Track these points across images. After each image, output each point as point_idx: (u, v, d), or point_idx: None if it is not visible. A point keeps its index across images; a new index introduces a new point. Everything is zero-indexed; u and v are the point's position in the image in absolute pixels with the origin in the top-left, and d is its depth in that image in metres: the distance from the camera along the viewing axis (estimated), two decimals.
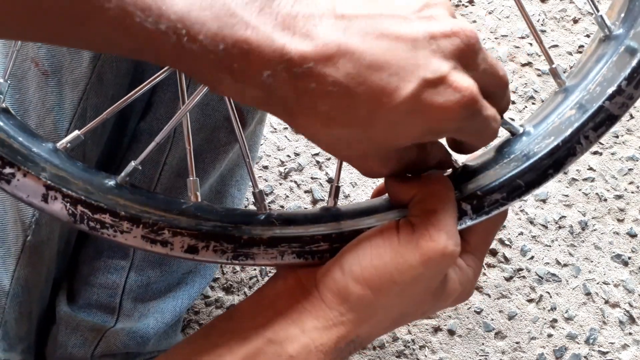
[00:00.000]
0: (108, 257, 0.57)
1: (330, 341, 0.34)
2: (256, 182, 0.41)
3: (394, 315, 0.36)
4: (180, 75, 0.42)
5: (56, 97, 0.48)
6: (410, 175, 0.37)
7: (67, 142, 0.40)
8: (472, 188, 0.38)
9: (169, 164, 0.55)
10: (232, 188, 0.63)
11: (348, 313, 0.35)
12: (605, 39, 0.41)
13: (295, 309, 0.35)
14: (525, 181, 0.38)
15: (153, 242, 0.37)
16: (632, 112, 0.84)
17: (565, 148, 0.38)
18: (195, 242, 0.37)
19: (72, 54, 0.47)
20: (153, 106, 0.53)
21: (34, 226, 0.51)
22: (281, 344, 0.34)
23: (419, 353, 0.73)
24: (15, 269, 0.52)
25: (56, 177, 0.37)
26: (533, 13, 0.89)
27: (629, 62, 0.37)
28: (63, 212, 0.37)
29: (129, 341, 0.58)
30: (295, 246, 0.37)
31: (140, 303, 0.58)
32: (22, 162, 0.37)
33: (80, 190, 0.37)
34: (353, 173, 0.81)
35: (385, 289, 0.34)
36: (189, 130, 0.41)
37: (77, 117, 0.49)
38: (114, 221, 0.37)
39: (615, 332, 0.73)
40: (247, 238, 0.37)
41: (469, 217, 0.37)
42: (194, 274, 0.63)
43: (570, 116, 0.39)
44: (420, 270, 0.34)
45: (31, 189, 0.37)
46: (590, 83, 0.39)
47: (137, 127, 0.54)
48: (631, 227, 0.78)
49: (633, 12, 0.39)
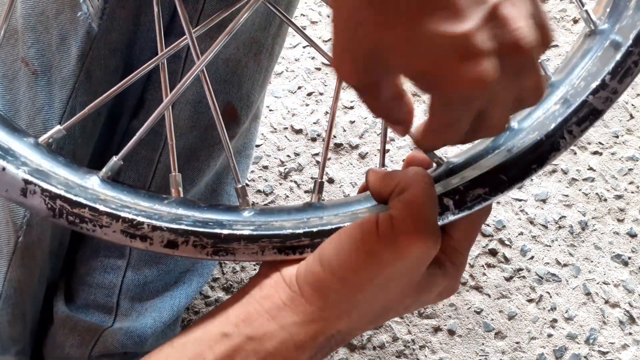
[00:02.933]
0: (105, 256, 0.57)
1: (309, 336, 0.34)
2: (238, 178, 0.41)
3: (376, 309, 0.36)
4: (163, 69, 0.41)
5: (46, 96, 0.48)
6: (389, 170, 0.37)
7: (48, 137, 0.40)
8: (454, 183, 0.38)
9: (162, 162, 0.54)
10: (227, 186, 0.62)
11: (327, 308, 0.35)
12: (590, 33, 0.41)
13: (276, 305, 0.35)
14: (509, 176, 0.38)
15: (132, 237, 0.37)
16: (632, 112, 0.84)
17: (548, 143, 0.38)
18: (174, 237, 0.37)
19: (60, 53, 0.47)
20: (145, 104, 0.53)
21: (25, 227, 0.50)
22: (260, 340, 0.34)
23: (419, 353, 0.73)
24: (7, 270, 0.51)
25: (36, 171, 0.37)
26: None
27: (614, 57, 0.37)
28: (42, 206, 0.36)
29: (126, 341, 0.58)
30: (276, 241, 0.37)
31: (137, 302, 0.58)
32: (1, 156, 0.37)
33: (60, 184, 0.37)
34: (353, 173, 0.81)
35: (364, 283, 0.34)
36: (171, 124, 0.41)
37: (67, 116, 0.48)
38: (93, 216, 0.37)
39: (615, 332, 0.73)
40: (228, 233, 0.37)
41: (451, 212, 0.37)
42: (191, 272, 0.62)
43: (554, 111, 0.39)
44: (398, 263, 0.34)
45: (10, 183, 0.36)
46: (575, 78, 0.39)
47: (128, 125, 0.54)
48: (631, 227, 0.78)
49: (619, 7, 0.39)
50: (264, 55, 0.54)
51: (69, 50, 0.47)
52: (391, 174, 0.37)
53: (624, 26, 0.38)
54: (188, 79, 0.40)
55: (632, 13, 0.38)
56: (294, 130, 0.83)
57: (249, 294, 0.37)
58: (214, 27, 0.44)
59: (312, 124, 0.83)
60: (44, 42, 0.47)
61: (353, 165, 0.81)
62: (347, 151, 0.82)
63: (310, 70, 0.86)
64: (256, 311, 0.35)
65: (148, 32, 0.50)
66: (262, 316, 0.35)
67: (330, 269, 0.35)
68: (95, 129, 0.52)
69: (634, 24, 0.37)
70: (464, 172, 0.39)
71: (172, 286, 0.61)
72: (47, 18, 0.46)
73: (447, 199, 0.37)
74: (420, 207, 0.34)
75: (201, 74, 0.40)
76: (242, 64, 0.53)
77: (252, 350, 0.34)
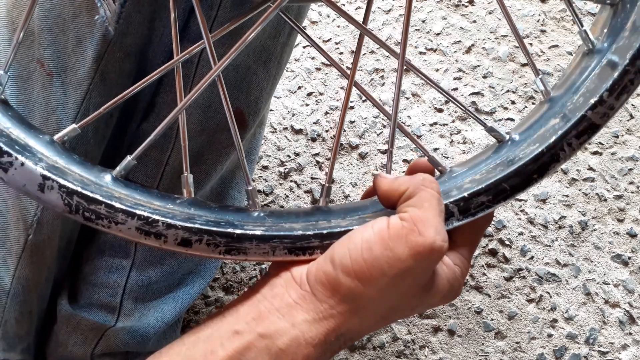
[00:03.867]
0: (109, 256, 0.57)
1: (320, 334, 0.36)
2: (249, 180, 0.42)
3: (384, 309, 0.37)
4: (178, 73, 0.42)
5: (60, 96, 0.48)
6: (397, 176, 0.39)
7: (64, 135, 0.41)
8: (459, 191, 0.40)
9: (170, 164, 0.55)
10: (232, 190, 0.63)
11: (338, 305, 0.36)
12: (588, 52, 0.43)
13: (286, 303, 0.37)
14: (511, 185, 0.40)
15: (147, 234, 0.38)
16: (632, 112, 0.84)
17: (549, 154, 0.40)
18: (188, 236, 0.38)
19: (76, 55, 0.48)
20: (155, 107, 0.54)
21: (36, 225, 0.51)
22: (271, 337, 0.35)
23: (419, 353, 0.73)
24: (16, 268, 0.52)
25: (53, 167, 0.38)
26: (533, 13, 0.89)
27: (611, 75, 0.40)
28: (59, 201, 0.37)
29: (129, 340, 0.58)
30: (287, 242, 0.39)
31: (140, 303, 0.58)
32: (19, 152, 0.38)
33: (77, 181, 0.38)
34: (353, 173, 0.81)
35: (375, 281, 0.36)
36: (185, 126, 0.42)
37: (80, 116, 0.49)
38: (109, 212, 0.37)
39: (615, 332, 0.73)
40: (240, 233, 0.38)
41: (455, 218, 0.40)
42: (194, 274, 0.63)
43: (554, 124, 0.41)
44: (408, 263, 0.35)
45: (28, 178, 0.37)
46: (574, 94, 0.42)
47: (138, 127, 0.55)
48: (631, 227, 0.78)
49: (615, 28, 0.41)
50: (273, 63, 0.56)
51: (84, 52, 0.48)
52: (400, 180, 0.39)
53: (620, 46, 0.40)
54: (204, 83, 0.41)
55: (628, 34, 0.40)
56: (294, 130, 0.83)
57: (259, 292, 0.38)
58: (226, 35, 0.45)
59: (312, 124, 0.83)
60: (60, 44, 0.47)
61: (353, 165, 0.81)
62: (347, 151, 0.82)
63: (310, 70, 0.86)
64: (267, 309, 0.36)
65: (162, 37, 0.51)
66: (273, 314, 0.36)
67: (342, 267, 0.36)
68: (107, 130, 0.53)
69: (630, 44, 0.39)
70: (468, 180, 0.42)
71: (175, 287, 0.61)
72: (64, 21, 0.47)
73: (452, 206, 0.40)
74: (430, 211, 0.36)
75: (217, 79, 0.41)
76: (251, 70, 0.53)
77: (263, 347, 0.35)
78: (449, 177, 0.43)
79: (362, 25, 0.44)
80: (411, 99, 0.84)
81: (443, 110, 0.84)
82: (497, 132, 0.43)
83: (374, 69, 0.86)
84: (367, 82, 0.85)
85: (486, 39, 0.88)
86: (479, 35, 0.88)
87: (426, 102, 0.84)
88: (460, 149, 0.81)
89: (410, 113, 0.83)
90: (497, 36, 0.88)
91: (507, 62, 0.86)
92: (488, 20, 0.89)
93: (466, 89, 0.85)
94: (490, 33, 0.88)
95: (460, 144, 0.82)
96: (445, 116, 0.83)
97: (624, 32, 0.41)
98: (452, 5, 0.90)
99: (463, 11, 0.90)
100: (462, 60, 0.87)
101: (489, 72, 0.86)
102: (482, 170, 0.42)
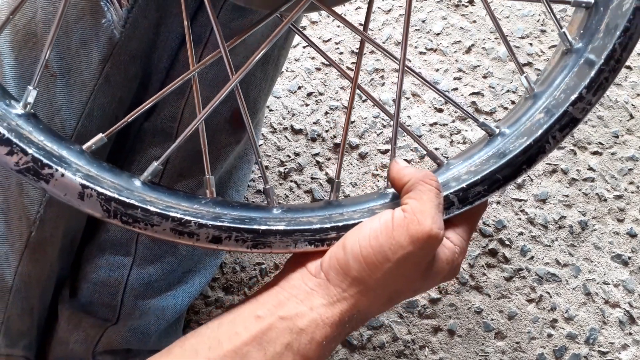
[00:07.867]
0: (110, 254, 0.58)
1: (335, 315, 0.40)
2: (267, 179, 0.47)
3: (389, 291, 0.42)
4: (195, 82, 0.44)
5: (64, 97, 0.50)
6: (406, 167, 0.45)
7: (92, 144, 0.44)
8: (457, 183, 0.45)
9: (172, 163, 0.55)
10: (230, 190, 0.64)
11: (349, 288, 0.41)
12: (567, 51, 0.47)
13: (304, 291, 0.41)
14: (503, 175, 0.45)
15: (181, 234, 0.41)
16: (632, 112, 0.84)
17: (536, 147, 0.45)
18: (219, 233, 0.41)
19: (81, 56, 0.49)
20: (157, 106, 0.55)
21: (38, 223, 0.52)
22: (292, 319, 0.39)
23: (419, 353, 0.73)
24: (18, 264, 0.53)
25: (88, 176, 0.41)
26: (533, 13, 0.89)
27: (588, 73, 0.44)
28: (98, 208, 0.40)
29: (130, 338, 0.59)
30: (307, 235, 0.43)
31: (141, 301, 0.59)
32: (57, 163, 0.40)
33: (112, 188, 0.41)
34: (353, 173, 0.81)
35: (380, 265, 0.40)
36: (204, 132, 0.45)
37: (85, 116, 0.50)
38: (144, 216, 0.40)
39: (615, 332, 0.73)
40: (265, 229, 0.42)
41: (455, 207, 0.45)
42: (193, 273, 0.63)
43: (539, 119, 0.46)
44: (409, 249, 0.40)
45: (69, 187, 0.40)
46: (556, 90, 0.46)
47: (140, 127, 0.56)
48: (631, 227, 0.78)
49: (590, 29, 0.46)
50: (270, 66, 0.58)
51: (89, 54, 0.49)
52: (406, 170, 0.44)
53: (596, 46, 0.45)
54: (223, 93, 0.44)
55: (602, 35, 0.44)
56: (293, 130, 0.83)
57: (277, 285, 0.42)
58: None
59: (312, 124, 0.83)
60: (64, 45, 0.49)
61: (353, 165, 0.81)
62: (347, 151, 0.82)
63: (310, 70, 0.86)
64: (286, 298, 0.41)
65: (167, 42, 0.52)
66: (292, 300, 0.40)
67: (352, 254, 0.41)
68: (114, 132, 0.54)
69: (604, 45, 0.44)
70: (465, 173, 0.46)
71: (176, 285, 0.62)
72: (67, 23, 0.48)
73: (452, 196, 0.44)
74: (428, 204, 0.41)
75: (236, 90, 0.44)
76: (250, 72, 0.55)
77: (285, 327, 0.39)
78: (446, 169, 0.48)
79: (363, 33, 0.46)
80: (411, 99, 0.84)
81: (443, 110, 0.84)
82: (488, 127, 0.48)
83: (374, 69, 0.86)
84: (367, 82, 0.86)
85: (486, 39, 0.88)
86: (479, 35, 0.88)
87: (426, 102, 0.84)
88: (460, 148, 0.81)
89: (410, 113, 0.83)
90: (497, 36, 0.88)
91: (507, 62, 0.86)
92: (488, 20, 0.89)
93: (466, 89, 0.85)
94: (490, 33, 0.88)
95: (460, 144, 0.82)
96: (445, 116, 0.83)
97: (599, 34, 0.45)
98: (452, 5, 0.90)
99: (463, 11, 0.90)
100: (462, 60, 0.87)
101: (489, 72, 0.86)
102: (477, 162, 0.47)
